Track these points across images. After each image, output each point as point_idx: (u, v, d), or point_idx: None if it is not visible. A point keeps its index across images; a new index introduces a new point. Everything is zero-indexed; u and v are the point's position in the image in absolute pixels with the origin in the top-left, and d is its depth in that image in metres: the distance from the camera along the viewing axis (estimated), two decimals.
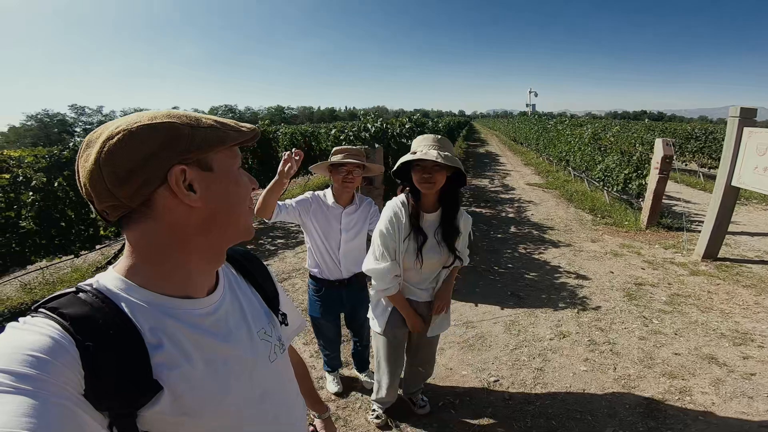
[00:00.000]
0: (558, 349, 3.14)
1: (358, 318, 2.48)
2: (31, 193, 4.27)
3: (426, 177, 1.69)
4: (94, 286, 0.58)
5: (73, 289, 0.57)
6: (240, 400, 0.66)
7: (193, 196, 0.58)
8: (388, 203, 1.90)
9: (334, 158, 2.10)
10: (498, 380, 2.79)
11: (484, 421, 2.42)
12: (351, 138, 4.46)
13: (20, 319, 0.53)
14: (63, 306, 0.54)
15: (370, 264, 1.90)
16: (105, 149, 0.53)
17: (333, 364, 2.65)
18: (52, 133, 66.66)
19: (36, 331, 0.50)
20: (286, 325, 0.86)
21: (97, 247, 5.39)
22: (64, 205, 4.58)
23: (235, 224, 0.66)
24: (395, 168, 1.78)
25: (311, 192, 2.26)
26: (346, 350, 2.91)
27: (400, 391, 2.41)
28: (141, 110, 0.61)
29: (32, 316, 0.53)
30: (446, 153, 1.65)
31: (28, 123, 70.86)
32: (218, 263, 0.70)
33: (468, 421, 2.41)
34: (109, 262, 5.39)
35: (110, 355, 0.52)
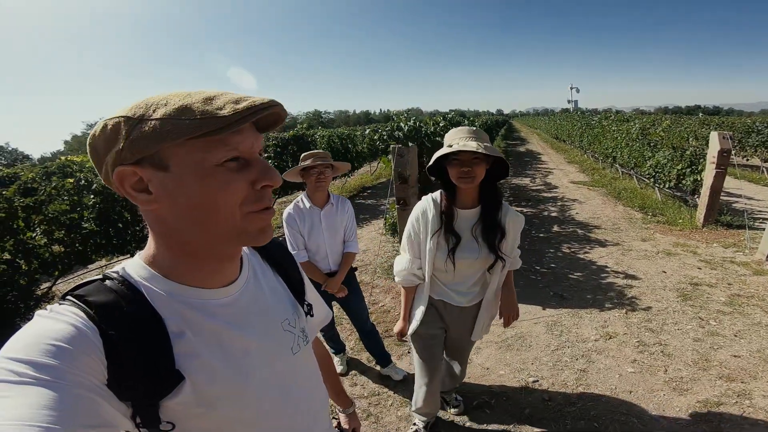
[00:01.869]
0: (603, 350, 2.98)
1: (350, 305, 2.62)
2: (92, 196, 4.59)
3: (465, 171, 1.55)
4: (120, 274, 0.58)
5: (101, 276, 0.58)
6: (261, 392, 0.65)
7: (145, 197, 0.54)
8: (421, 199, 1.80)
9: (304, 163, 2.24)
10: (537, 380, 2.69)
11: (521, 421, 2.34)
12: (385, 138, 4.47)
13: (48, 306, 0.53)
14: (89, 294, 0.54)
15: (398, 257, 1.89)
16: (89, 138, 0.55)
17: (336, 347, 2.88)
18: None
19: (61, 320, 0.50)
20: (312, 316, 0.84)
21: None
22: (121, 207, 4.89)
23: (220, 225, 0.57)
24: (430, 163, 1.66)
25: (287, 210, 2.37)
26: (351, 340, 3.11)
27: None
28: None
29: (59, 304, 0.54)
30: (486, 144, 1.54)
31: (88, 131, 76.58)
32: (227, 261, 0.65)
33: (504, 421, 2.34)
34: None
35: (134, 345, 0.52)
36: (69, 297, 0.54)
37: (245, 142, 0.56)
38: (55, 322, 0.49)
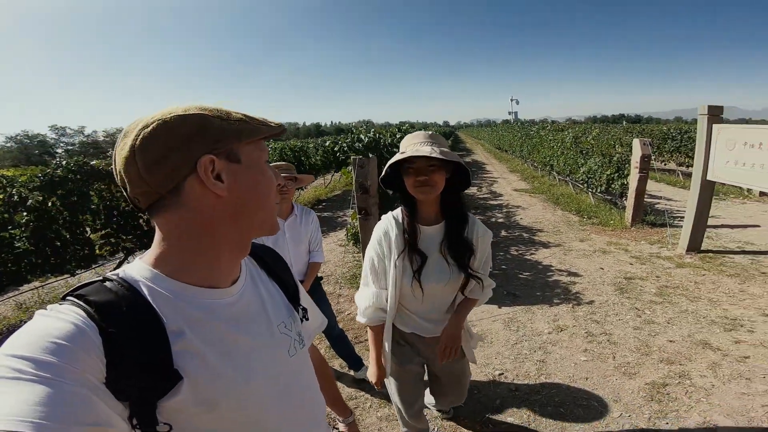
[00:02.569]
0: (557, 341, 3.23)
1: None
2: (25, 213, 4.25)
3: (421, 180, 1.38)
4: (120, 275, 0.59)
5: (100, 278, 0.59)
6: (260, 393, 0.66)
7: (220, 185, 0.60)
8: (381, 219, 1.61)
9: None
10: (503, 373, 2.86)
11: (494, 412, 2.48)
12: (345, 149, 4.55)
13: (48, 306, 0.54)
14: (89, 293, 0.55)
15: (359, 292, 1.64)
16: (140, 137, 0.56)
17: (355, 364, 2.86)
18: (33, 155, 65.11)
19: (61, 318, 0.51)
20: (307, 320, 0.86)
21: (93, 266, 5.35)
22: (58, 225, 4.56)
23: (261, 216, 0.67)
24: (383, 174, 1.48)
25: None
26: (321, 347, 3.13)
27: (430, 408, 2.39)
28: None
29: (60, 304, 0.55)
30: (442, 149, 1.38)
31: (8, 145, 69.29)
32: (243, 253, 0.70)
33: (479, 412, 2.46)
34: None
35: (132, 343, 0.53)
36: (69, 297, 0.55)
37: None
38: (55, 321, 0.50)
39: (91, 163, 5.21)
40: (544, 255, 5.45)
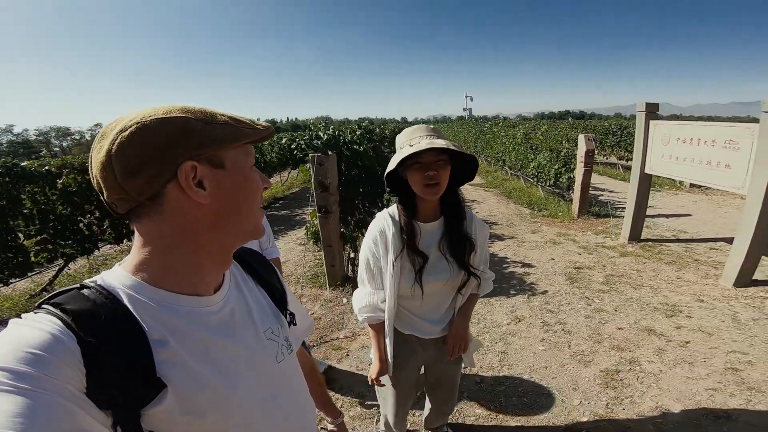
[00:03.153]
0: (516, 332, 3.32)
1: None
2: None
3: (431, 175, 1.29)
4: (98, 283, 0.57)
5: (77, 285, 0.56)
6: (247, 400, 0.65)
7: (203, 193, 0.57)
8: (375, 217, 1.52)
9: None
10: (466, 366, 2.90)
11: (462, 404, 2.52)
12: (303, 147, 4.42)
13: (23, 315, 0.51)
14: (65, 302, 0.52)
15: (356, 292, 1.60)
16: (117, 141, 0.52)
17: None
18: None
19: (37, 327, 0.48)
20: (295, 324, 0.84)
21: (29, 274, 4.97)
22: None
23: (245, 223, 0.64)
24: (389, 169, 1.35)
25: None
26: None
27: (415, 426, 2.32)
28: (60, 128, 0.58)
29: (35, 312, 0.52)
30: (450, 142, 1.30)
31: None
32: (226, 263, 0.68)
33: None
34: (44, 289, 4.93)
35: (112, 352, 0.51)
36: (44, 305, 0.52)
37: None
38: (31, 330, 0.48)
39: (22, 164, 4.78)
40: (500, 247, 5.60)
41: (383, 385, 1.65)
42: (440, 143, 1.27)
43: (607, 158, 14.90)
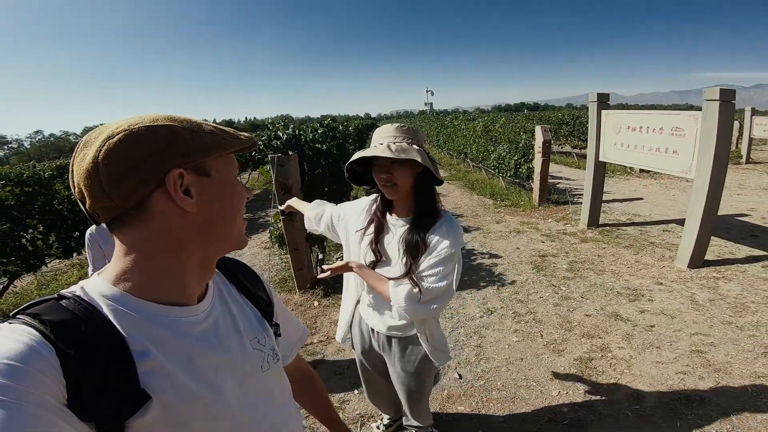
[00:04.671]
0: (489, 325, 3.27)
1: None
2: None
3: (384, 178, 1.32)
4: (76, 293, 0.55)
5: (55, 296, 0.54)
6: (232, 410, 0.63)
7: (190, 201, 0.56)
8: (370, 196, 1.58)
9: None
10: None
11: (443, 402, 2.42)
12: (261, 147, 4.19)
13: None
14: (43, 312, 0.50)
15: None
16: (104, 148, 0.51)
17: None
18: None
19: (13, 338, 0.46)
20: (279, 335, 0.82)
21: None
22: None
23: (229, 232, 0.64)
24: (348, 176, 1.44)
25: (88, 231, 2.41)
26: None
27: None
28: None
29: (9, 323, 0.49)
30: (402, 144, 1.30)
31: None
32: (209, 273, 0.66)
33: (430, 407, 2.35)
34: None
35: (93, 364, 0.49)
36: (20, 316, 0.50)
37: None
38: (6, 341, 0.46)
39: None
40: (467, 239, 5.57)
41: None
42: (380, 151, 1.28)
43: (561, 147, 15.33)
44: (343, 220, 1.61)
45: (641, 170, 9.46)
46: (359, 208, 1.56)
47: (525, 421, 2.25)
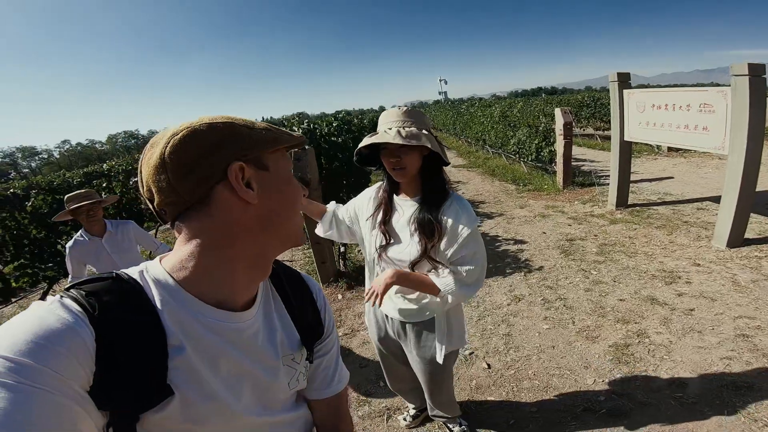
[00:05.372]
0: (517, 312, 3.14)
1: None
2: None
3: (393, 162, 1.32)
4: (133, 277, 0.55)
5: (113, 274, 0.55)
6: (249, 414, 0.62)
7: (251, 193, 0.57)
8: (377, 184, 1.59)
9: (69, 205, 2.31)
10: (472, 352, 2.72)
11: (472, 392, 2.33)
12: None
13: (49, 297, 0.49)
14: (96, 292, 0.51)
15: None
16: (170, 144, 0.53)
17: None
18: None
19: (54, 315, 0.46)
20: (311, 362, 0.76)
21: (13, 300, 4.72)
22: None
23: (288, 226, 0.64)
24: (356, 158, 1.41)
25: (68, 244, 2.42)
26: None
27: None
28: (26, 148, 0.41)
29: (61, 296, 0.50)
30: (411, 129, 1.27)
31: None
32: (263, 272, 0.65)
33: (458, 397, 2.25)
34: None
35: (128, 353, 0.49)
36: (73, 290, 0.51)
37: None
38: (47, 316, 0.46)
39: None
40: (490, 225, 5.43)
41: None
42: (389, 137, 1.24)
43: (583, 130, 14.81)
44: (355, 213, 1.61)
45: (669, 149, 9.03)
46: (366, 198, 1.57)
47: (559, 411, 2.13)
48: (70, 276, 2.47)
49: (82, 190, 2.45)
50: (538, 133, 7.83)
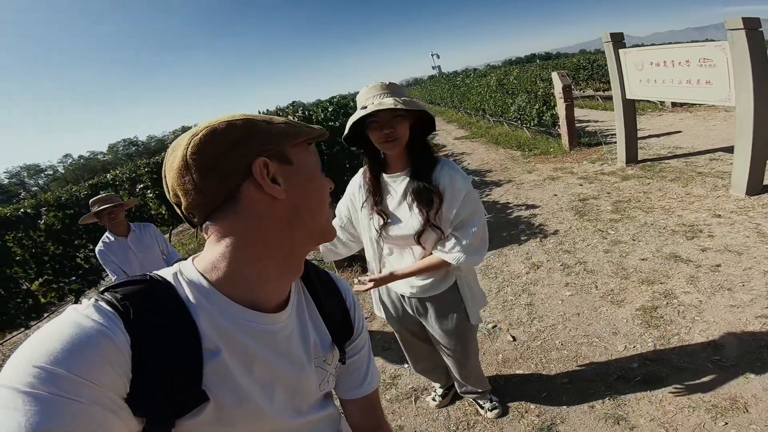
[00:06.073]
0: (537, 281, 3.02)
1: None
2: None
3: (387, 133, 1.26)
4: (168, 279, 0.54)
5: (148, 277, 0.53)
6: (281, 416, 0.61)
7: (277, 188, 0.55)
8: (357, 173, 1.54)
9: (95, 209, 2.44)
10: (496, 325, 2.61)
11: (499, 366, 2.24)
12: None
13: (84, 300, 0.47)
14: (131, 297, 0.48)
15: None
16: (191, 144, 0.52)
17: None
18: None
19: (89, 320, 0.44)
20: (343, 363, 0.74)
21: (45, 315, 4.77)
22: None
23: (318, 220, 0.62)
24: (346, 133, 1.33)
25: (98, 248, 2.50)
26: None
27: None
28: (31, 166, 0.32)
29: (95, 300, 0.47)
30: (404, 98, 1.25)
31: None
32: (294, 271, 0.63)
33: (486, 372, 2.15)
34: None
35: (164, 359, 0.47)
36: (108, 294, 0.48)
37: None
38: (82, 320, 0.44)
39: None
40: (499, 193, 5.28)
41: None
42: (388, 103, 1.21)
43: (583, 92, 14.39)
44: (352, 204, 1.55)
45: (673, 105, 8.69)
46: (356, 186, 1.52)
47: (592, 381, 2.02)
48: (110, 276, 2.57)
49: (105, 194, 2.57)
50: (537, 99, 7.59)
